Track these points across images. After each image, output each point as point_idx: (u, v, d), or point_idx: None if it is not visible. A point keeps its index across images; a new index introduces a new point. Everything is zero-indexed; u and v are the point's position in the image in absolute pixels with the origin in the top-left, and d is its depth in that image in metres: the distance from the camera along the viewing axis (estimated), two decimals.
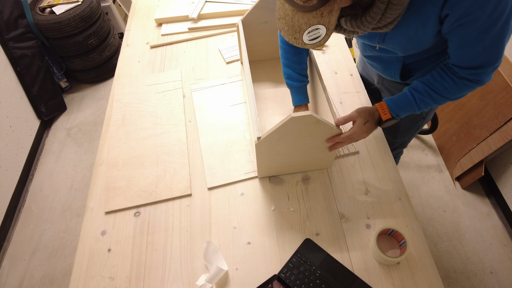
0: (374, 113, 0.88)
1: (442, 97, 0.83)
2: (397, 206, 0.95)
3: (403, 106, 0.86)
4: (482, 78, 0.79)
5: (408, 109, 0.87)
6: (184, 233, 0.93)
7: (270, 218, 0.95)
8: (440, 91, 0.82)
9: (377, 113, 0.88)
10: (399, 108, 0.87)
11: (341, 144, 0.90)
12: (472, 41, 0.71)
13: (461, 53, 0.76)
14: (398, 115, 0.87)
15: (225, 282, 0.84)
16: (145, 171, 1.05)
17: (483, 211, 1.78)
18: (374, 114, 0.88)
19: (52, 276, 1.67)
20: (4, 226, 1.80)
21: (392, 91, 1.13)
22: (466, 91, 0.82)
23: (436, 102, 0.84)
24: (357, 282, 0.82)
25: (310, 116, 0.78)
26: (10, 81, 2.01)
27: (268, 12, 1.15)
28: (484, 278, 1.57)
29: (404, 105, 0.86)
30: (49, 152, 2.19)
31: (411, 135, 1.30)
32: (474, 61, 0.76)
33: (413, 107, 0.86)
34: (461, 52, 0.75)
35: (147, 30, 1.56)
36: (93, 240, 0.94)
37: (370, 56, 1.03)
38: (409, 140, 1.36)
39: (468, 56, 0.75)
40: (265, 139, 0.83)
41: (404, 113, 0.87)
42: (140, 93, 1.28)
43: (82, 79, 2.54)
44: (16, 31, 2.03)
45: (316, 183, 1.01)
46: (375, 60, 1.03)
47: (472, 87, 0.81)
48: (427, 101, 0.84)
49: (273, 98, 1.22)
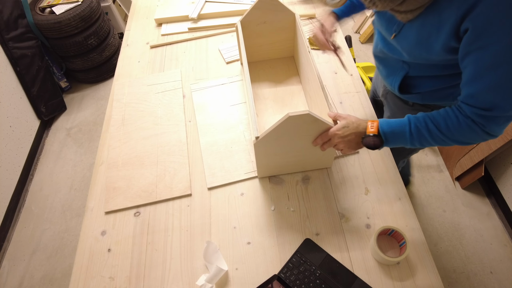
0: (360, 124, 0.81)
1: (441, 134, 0.73)
2: (397, 206, 0.95)
3: (395, 127, 0.77)
4: (490, 126, 0.68)
5: (399, 134, 0.77)
6: (184, 233, 0.93)
7: (270, 218, 0.95)
8: (439, 125, 0.73)
9: (363, 125, 0.80)
10: (390, 127, 0.77)
11: (322, 143, 0.87)
12: (489, 70, 0.62)
13: (473, 87, 0.67)
14: (386, 136, 0.78)
15: (225, 282, 0.84)
16: (145, 171, 1.05)
17: (483, 211, 1.78)
18: (360, 125, 0.81)
19: (52, 276, 1.67)
20: (4, 226, 1.80)
21: (392, 107, 1.11)
22: (469, 134, 0.71)
23: (433, 137, 0.74)
24: (357, 282, 0.82)
25: (308, 115, 0.78)
26: (10, 81, 2.01)
27: (267, 12, 1.15)
28: (484, 278, 1.57)
29: (396, 126, 0.77)
30: (49, 152, 2.19)
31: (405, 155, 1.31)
32: (485, 99, 0.66)
33: (406, 133, 0.76)
34: (473, 85, 0.67)
35: (147, 30, 1.56)
36: (93, 240, 0.94)
37: (379, 57, 1.00)
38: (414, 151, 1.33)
39: (479, 91, 0.66)
40: (263, 138, 0.83)
41: (393, 136, 0.77)
42: (140, 93, 1.28)
43: (82, 79, 2.54)
44: (16, 31, 2.03)
45: (316, 183, 1.01)
46: (382, 63, 1.00)
47: (476, 132, 0.70)
48: (422, 132, 0.75)
49: (273, 98, 1.22)
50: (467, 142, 0.74)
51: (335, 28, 1.08)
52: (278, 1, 1.12)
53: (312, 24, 1.52)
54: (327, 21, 1.07)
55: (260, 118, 1.16)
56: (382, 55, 0.96)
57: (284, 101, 1.20)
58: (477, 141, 0.74)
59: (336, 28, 1.16)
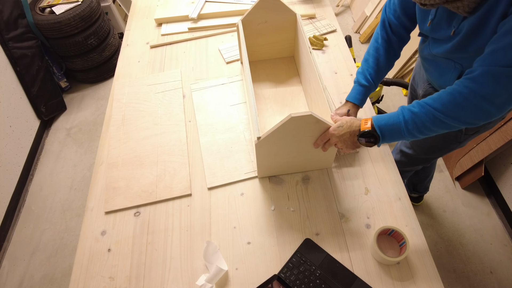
0: (353, 122, 0.82)
1: (435, 111, 0.71)
2: (397, 206, 0.95)
3: (388, 119, 0.77)
4: (480, 83, 0.66)
5: (393, 125, 0.76)
6: (184, 233, 0.93)
7: (270, 218, 0.95)
8: (433, 102, 0.72)
9: (356, 123, 0.82)
10: (383, 120, 0.77)
11: (322, 143, 0.88)
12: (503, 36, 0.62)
13: (494, 45, 0.65)
14: (381, 130, 0.77)
15: (225, 282, 0.84)
16: (145, 171, 1.05)
17: (483, 211, 1.78)
18: (353, 123, 0.82)
19: (52, 276, 1.67)
20: (4, 226, 1.80)
21: None
22: (464, 103, 0.69)
23: (429, 117, 0.72)
24: (357, 282, 0.82)
25: (310, 116, 0.78)
26: (10, 81, 2.01)
27: (268, 12, 1.15)
28: (484, 278, 1.57)
29: (390, 118, 0.76)
30: (49, 152, 2.19)
31: (439, 154, 1.24)
32: (505, 55, 0.64)
33: (400, 122, 0.75)
34: (494, 44, 0.65)
35: (147, 30, 1.56)
36: (93, 240, 0.94)
37: (428, 60, 0.96)
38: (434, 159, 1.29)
39: (498, 48, 0.65)
40: (265, 139, 0.83)
41: (388, 128, 0.77)
42: (140, 93, 1.28)
43: (82, 79, 2.54)
44: (16, 31, 2.03)
45: (316, 183, 1.01)
46: (432, 65, 0.96)
47: (471, 102, 0.68)
48: (418, 115, 0.73)
49: (273, 98, 1.22)
50: (468, 120, 0.70)
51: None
52: (279, 0, 1.12)
53: (312, 24, 1.52)
54: None
55: (260, 118, 1.16)
56: (431, 57, 0.94)
57: (284, 101, 1.20)
58: (478, 116, 0.70)
59: None
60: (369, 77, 0.97)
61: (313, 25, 1.52)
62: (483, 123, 0.72)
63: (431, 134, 0.76)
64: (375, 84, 0.99)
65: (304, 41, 1.10)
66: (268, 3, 1.12)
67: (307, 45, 1.07)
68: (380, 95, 1.84)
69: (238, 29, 1.16)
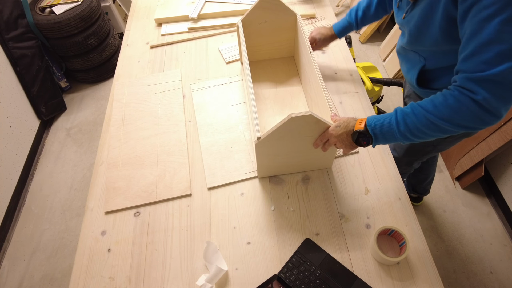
0: (350, 122, 0.82)
1: (428, 113, 0.70)
2: (397, 206, 0.95)
3: (381, 119, 0.76)
4: (479, 91, 0.64)
5: (386, 125, 0.75)
6: (184, 233, 0.93)
7: (270, 218, 0.95)
8: (426, 106, 0.71)
9: (352, 123, 0.81)
10: (376, 120, 0.76)
11: (322, 144, 0.88)
12: (476, 30, 0.62)
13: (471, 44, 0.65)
14: (373, 130, 0.76)
15: (225, 282, 0.84)
16: (145, 171, 1.05)
17: (483, 211, 1.78)
18: (350, 123, 0.82)
19: (52, 276, 1.67)
20: (4, 226, 1.80)
21: None
22: (459, 108, 0.67)
23: (421, 121, 0.71)
24: (357, 282, 0.82)
25: (310, 116, 0.78)
26: (10, 81, 2.01)
27: (268, 12, 1.15)
28: (484, 278, 1.57)
29: (383, 119, 0.76)
30: (49, 152, 2.19)
31: (417, 157, 1.27)
32: (468, 61, 0.65)
33: (392, 124, 0.74)
34: (463, 49, 0.67)
35: (147, 30, 1.56)
36: (93, 240, 0.94)
37: (401, 54, 1.03)
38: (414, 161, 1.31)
39: (466, 54, 0.66)
40: (265, 139, 0.83)
41: (380, 128, 0.76)
42: (140, 93, 1.28)
43: (82, 79, 2.54)
44: (16, 31, 2.03)
45: (316, 183, 1.01)
46: (404, 59, 1.02)
47: (463, 104, 0.66)
48: (410, 117, 0.72)
49: (273, 98, 1.22)
50: (462, 123, 0.68)
51: (323, 49, 1.32)
52: (279, 0, 1.12)
53: (312, 24, 1.52)
54: (325, 42, 1.22)
55: (260, 118, 1.16)
56: (403, 51, 0.99)
57: (284, 101, 1.20)
58: (472, 119, 0.67)
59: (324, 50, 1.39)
60: (354, 16, 1.15)
61: (313, 25, 1.51)
62: (482, 127, 0.70)
63: (427, 138, 0.74)
64: (357, 26, 1.17)
65: (304, 41, 1.10)
66: (268, 3, 1.12)
67: (307, 45, 1.07)
68: (380, 95, 1.84)
69: (238, 29, 1.16)
